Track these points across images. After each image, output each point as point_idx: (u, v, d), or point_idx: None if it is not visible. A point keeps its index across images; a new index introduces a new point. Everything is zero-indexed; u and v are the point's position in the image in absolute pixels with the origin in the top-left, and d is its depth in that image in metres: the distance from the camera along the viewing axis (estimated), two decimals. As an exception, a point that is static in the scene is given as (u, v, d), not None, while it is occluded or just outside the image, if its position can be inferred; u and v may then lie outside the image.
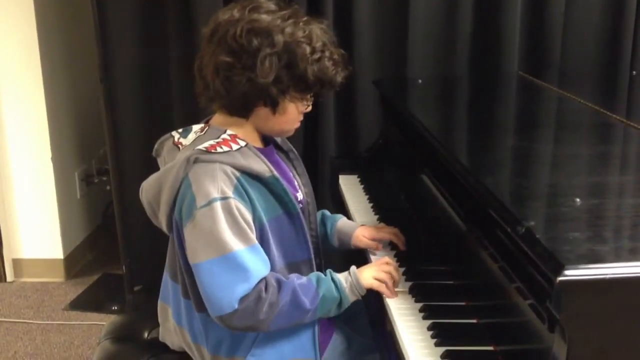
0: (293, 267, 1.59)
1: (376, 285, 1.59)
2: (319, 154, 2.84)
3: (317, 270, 1.64)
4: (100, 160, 3.61)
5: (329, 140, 2.84)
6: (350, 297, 1.56)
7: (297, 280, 1.52)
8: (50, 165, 3.28)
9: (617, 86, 2.70)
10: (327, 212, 1.88)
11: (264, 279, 1.48)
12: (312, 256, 1.63)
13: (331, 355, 1.67)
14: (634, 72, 2.73)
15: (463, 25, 2.79)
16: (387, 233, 1.86)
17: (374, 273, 1.60)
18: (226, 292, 1.44)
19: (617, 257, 1.13)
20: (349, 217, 2.13)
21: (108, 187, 3.30)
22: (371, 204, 2.17)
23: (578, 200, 1.32)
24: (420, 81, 2.51)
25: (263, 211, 1.51)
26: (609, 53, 2.85)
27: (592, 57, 2.86)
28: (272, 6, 1.50)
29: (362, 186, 2.32)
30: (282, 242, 1.57)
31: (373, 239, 1.84)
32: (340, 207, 2.28)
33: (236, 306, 1.44)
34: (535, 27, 2.83)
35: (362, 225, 1.88)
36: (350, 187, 2.34)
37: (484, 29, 2.80)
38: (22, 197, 3.33)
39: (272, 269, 1.53)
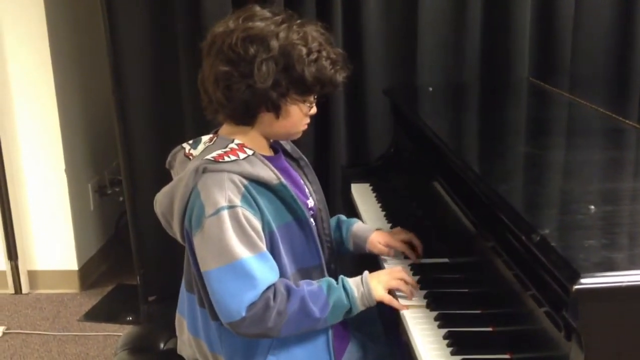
0: (304, 273, 1.61)
1: (387, 300, 1.59)
2: (330, 163, 2.85)
3: (332, 275, 1.65)
4: (113, 172, 3.62)
5: (340, 150, 2.85)
6: (360, 307, 1.57)
7: (307, 287, 1.53)
8: (64, 177, 3.30)
9: (629, 90, 2.69)
10: (342, 217, 1.89)
11: (273, 286, 1.49)
12: (323, 262, 1.64)
13: (347, 362, 1.68)
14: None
15: (472, 31, 2.79)
16: (401, 243, 1.85)
17: (386, 283, 1.60)
18: (234, 300, 1.46)
19: (634, 265, 1.13)
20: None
21: (121, 198, 3.32)
22: (384, 212, 2.17)
23: (592, 207, 1.32)
24: (430, 89, 2.51)
25: (272, 218, 1.53)
26: (619, 57, 2.84)
27: (602, 61, 2.86)
28: (267, 13, 1.52)
29: (375, 194, 2.33)
30: (292, 249, 1.58)
31: (387, 246, 1.84)
32: (353, 216, 2.27)
33: (244, 314, 1.46)
34: (545, 31, 2.83)
35: (378, 229, 1.88)
36: (362, 195, 2.34)
37: (494, 34, 2.80)
38: (36, 210, 3.35)
39: (283, 275, 1.54)
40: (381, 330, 1.81)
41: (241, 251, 1.45)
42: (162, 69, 2.88)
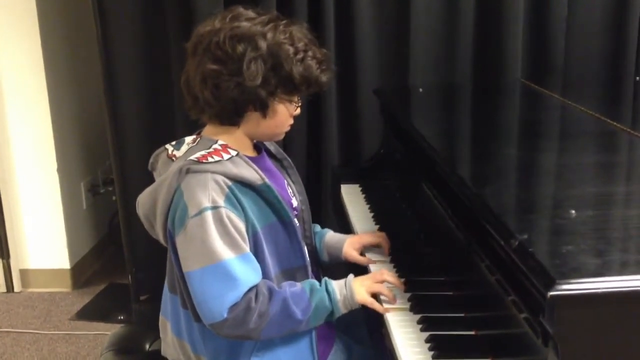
0: (288, 274, 1.61)
1: (369, 303, 1.59)
2: (322, 163, 2.84)
3: (315, 278, 1.65)
4: (106, 171, 3.62)
5: (333, 150, 2.84)
6: (343, 310, 1.57)
7: (289, 289, 1.53)
8: (56, 176, 3.29)
9: (621, 93, 2.68)
10: (316, 227, 1.88)
11: (255, 288, 1.49)
12: (307, 263, 1.65)
13: (331, 363, 1.69)
14: (638, 78, 2.71)
15: (465, 31, 2.78)
16: (374, 237, 1.88)
17: (368, 287, 1.59)
18: (216, 301, 1.46)
19: (610, 271, 1.12)
20: (350, 226, 2.13)
21: (114, 198, 3.31)
22: (372, 214, 2.16)
23: (573, 212, 1.31)
24: (421, 90, 2.51)
25: (256, 219, 1.53)
26: (612, 59, 2.84)
27: (595, 62, 2.85)
28: (251, 14, 1.53)
29: (364, 196, 2.32)
30: (276, 249, 1.58)
31: (363, 246, 1.86)
32: (342, 217, 2.28)
33: (225, 315, 1.46)
34: (537, 32, 2.82)
35: (350, 237, 1.88)
36: (351, 196, 2.33)
37: (486, 35, 2.80)
38: (29, 208, 3.35)
39: (267, 276, 1.54)
40: (366, 333, 1.81)
41: (224, 252, 1.45)
42: (154, 69, 2.88)
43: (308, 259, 1.66)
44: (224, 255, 1.45)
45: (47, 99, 3.19)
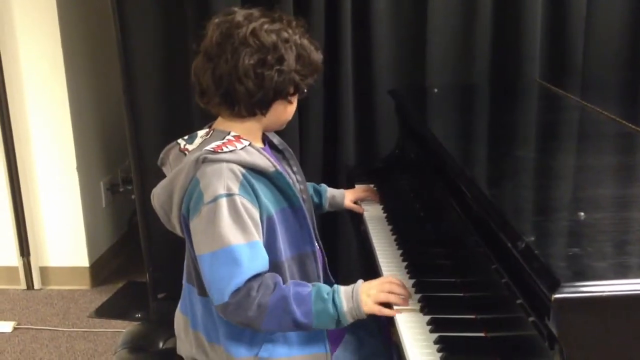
0: (299, 259, 1.64)
1: (377, 311, 1.57)
2: (337, 163, 2.85)
3: (322, 267, 1.70)
4: (126, 170, 3.65)
5: (348, 150, 2.85)
6: (350, 320, 1.55)
7: (295, 288, 1.53)
8: (76, 174, 3.33)
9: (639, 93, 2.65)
10: (314, 184, 2.06)
11: (260, 277, 1.51)
12: (316, 249, 1.68)
13: (342, 353, 1.71)
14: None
15: (482, 31, 2.76)
16: (366, 192, 2.21)
17: (375, 297, 1.57)
18: (220, 285, 1.50)
19: (615, 274, 1.11)
20: (364, 226, 2.13)
21: (133, 196, 3.34)
22: (385, 214, 2.16)
23: (582, 214, 1.30)
24: (436, 90, 2.50)
25: (270, 203, 1.57)
26: (632, 59, 2.81)
27: (614, 63, 2.82)
28: (260, 11, 1.60)
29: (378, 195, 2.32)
30: (288, 234, 1.62)
31: (356, 200, 2.17)
32: (356, 216, 2.28)
33: (227, 299, 1.49)
34: (555, 33, 2.80)
35: (348, 191, 2.17)
36: (365, 196, 2.33)
37: (504, 35, 2.78)
38: (49, 207, 3.39)
39: (280, 260, 1.58)
40: (375, 327, 1.82)
41: (233, 238, 1.48)
42: (173, 69, 2.90)
43: (317, 245, 1.70)
44: (233, 240, 1.48)
45: (67, 98, 3.23)
